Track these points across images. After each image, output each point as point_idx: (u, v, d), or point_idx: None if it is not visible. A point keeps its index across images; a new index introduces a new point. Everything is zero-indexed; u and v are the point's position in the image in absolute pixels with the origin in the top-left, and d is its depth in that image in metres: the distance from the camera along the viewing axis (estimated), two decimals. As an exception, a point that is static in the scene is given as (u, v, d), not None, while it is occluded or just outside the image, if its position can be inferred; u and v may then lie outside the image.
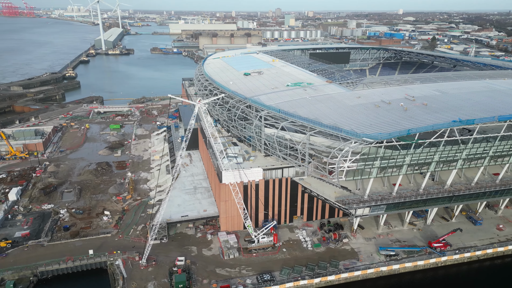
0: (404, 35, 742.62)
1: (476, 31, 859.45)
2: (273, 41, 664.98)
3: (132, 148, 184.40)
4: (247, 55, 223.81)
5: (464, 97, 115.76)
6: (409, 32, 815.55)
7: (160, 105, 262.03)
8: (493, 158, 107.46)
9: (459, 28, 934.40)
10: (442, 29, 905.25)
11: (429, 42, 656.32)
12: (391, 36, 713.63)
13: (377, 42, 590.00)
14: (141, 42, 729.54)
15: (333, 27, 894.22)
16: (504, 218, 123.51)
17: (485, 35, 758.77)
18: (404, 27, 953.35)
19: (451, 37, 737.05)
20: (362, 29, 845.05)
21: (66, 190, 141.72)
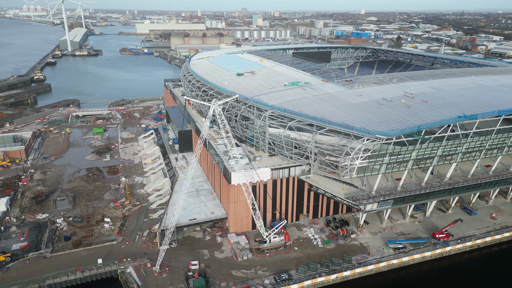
0: (370, 35, 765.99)
1: (436, 30, 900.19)
2: (244, 41, 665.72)
3: (121, 152, 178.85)
4: (232, 55, 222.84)
5: (458, 94, 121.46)
6: (373, 31, 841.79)
7: (141, 107, 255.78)
8: (488, 151, 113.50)
9: (419, 27, 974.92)
10: (404, 28, 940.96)
11: (394, 41, 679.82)
12: (358, 36, 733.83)
13: (346, 41, 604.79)
14: (108, 43, 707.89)
15: (301, 27, 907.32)
16: (495, 207, 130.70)
17: (445, 34, 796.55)
18: (369, 26, 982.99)
19: (413, 36, 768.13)
20: (329, 28, 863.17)
21: (59, 198, 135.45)
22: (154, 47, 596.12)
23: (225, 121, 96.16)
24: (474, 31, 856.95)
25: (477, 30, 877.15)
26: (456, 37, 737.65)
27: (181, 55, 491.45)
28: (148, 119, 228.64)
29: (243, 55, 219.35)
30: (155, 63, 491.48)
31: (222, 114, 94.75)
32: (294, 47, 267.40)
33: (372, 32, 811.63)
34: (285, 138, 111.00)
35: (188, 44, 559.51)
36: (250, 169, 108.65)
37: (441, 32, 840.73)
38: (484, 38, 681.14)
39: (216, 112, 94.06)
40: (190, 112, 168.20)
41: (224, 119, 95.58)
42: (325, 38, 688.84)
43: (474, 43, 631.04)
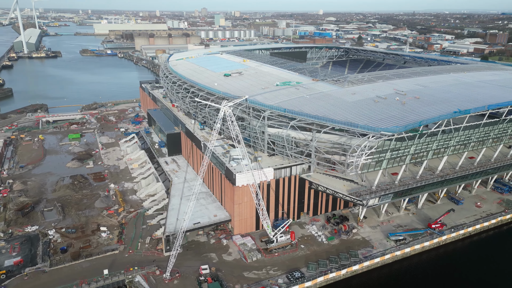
0: (332, 35, 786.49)
1: (392, 30, 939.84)
2: (209, 41, 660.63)
3: (103, 158, 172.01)
4: (211, 56, 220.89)
5: (444, 90, 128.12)
6: (334, 31, 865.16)
7: (116, 111, 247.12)
8: (475, 144, 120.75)
9: (376, 27, 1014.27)
10: (362, 28, 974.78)
11: (355, 41, 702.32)
12: (320, 36, 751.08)
13: (311, 41, 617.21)
14: (65, 44, 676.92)
15: (264, 27, 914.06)
16: (478, 197, 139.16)
17: (401, 34, 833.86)
18: (329, 27, 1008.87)
19: (372, 36, 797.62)
20: (292, 28, 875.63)
21: (46, 209, 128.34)
22: (117, 48, 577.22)
23: (235, 123, 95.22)
24: (427, 30, 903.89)
25: (429, 29, 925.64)
26: (411, 36, 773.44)
27: (148, 56, 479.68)
28: (126, 123, 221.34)
29: (223, 56, 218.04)
30: (120, 64, 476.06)
31: (232, 115, 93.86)
32: (271, 47, 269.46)
33: (333, 32, 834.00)
34: (287, 138, 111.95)
35: (153, 44, 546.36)
36: (256, 170, 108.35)
37: (397, 32, 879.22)
38: (438, 37, 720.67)
39: (227, 113, 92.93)
40: (176, 114, 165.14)
41: (234, 120, 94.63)
42: (290, 38, 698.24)
43: (429, 42, 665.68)
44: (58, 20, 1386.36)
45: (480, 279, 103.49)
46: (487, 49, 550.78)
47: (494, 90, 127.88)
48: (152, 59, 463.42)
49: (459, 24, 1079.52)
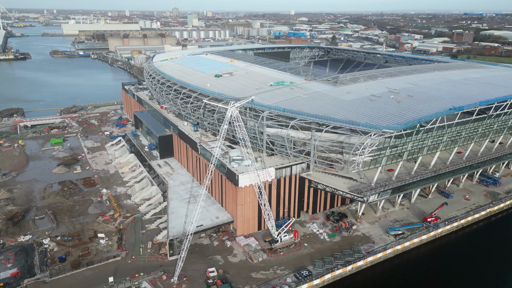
0: (306, 35, 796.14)
1: (363, 30, 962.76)
2: (184, 41, 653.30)
3: (91, 162, 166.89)
4: (197, 56, 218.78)
5: (434, 88, 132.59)
6: (307, 31, 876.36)
7: (97, 114, 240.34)
8: (464, 139, 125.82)
9: (347, 27, 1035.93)
10: (335, 28, 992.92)
11: (329, 41, 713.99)
12: (295, 36, 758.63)
13: (287, 41, 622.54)
14: (33, 45, 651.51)
15: (238, 27, 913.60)
16: (466, 190, 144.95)
17: (372, 34, 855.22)
18: (302, 27, 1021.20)
19: (345, 36, 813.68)
20: (266, 29, 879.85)
21: (37, 217, 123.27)
22: (90, 49, 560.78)
23: (242, 124, 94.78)
24: (396, 30, 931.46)
25: (398, 29, 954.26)
26: (382, 36, 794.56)
27: (123, 57, 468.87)
28: (110, 126, 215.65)
29: (209, 56, 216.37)
30: (94, 66, 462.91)
31: (239, 116, 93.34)
32: (255, 47, 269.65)
33: (307, 32, 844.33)
34: (288, 137, 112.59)
35: (128, 45, 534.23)
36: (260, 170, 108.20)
37: (369, 32, 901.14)
38: (407, 37, 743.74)
39: (234, 115, 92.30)
40: (166, 116, 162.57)
41: (241, 121, 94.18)
42: (266, 38, 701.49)
43: (399, 41, 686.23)
44: (23, 20, 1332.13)
45: (474, 267, 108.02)
46: (455, 48, 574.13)
47: (480, 88, 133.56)
48: (128, 60, 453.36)
49: (425, 24, 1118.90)
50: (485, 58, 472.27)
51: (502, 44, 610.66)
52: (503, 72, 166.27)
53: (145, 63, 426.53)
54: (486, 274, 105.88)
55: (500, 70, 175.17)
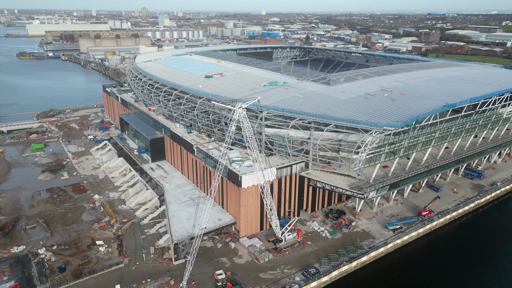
0: (280, 35, 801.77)
1: (335, 30, 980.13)
2: (157, 42, 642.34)
3: (77, 168, 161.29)
4: (182, 57, 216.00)
5: (423, 86, 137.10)
6: (281, 31, 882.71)
7: (77, 117, 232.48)
8: (453, 135, 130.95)
9: (319, 27, 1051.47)
10: (307, 28, 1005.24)
11: (302, 41, 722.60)
12: (269, 36, 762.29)
13: (262, 41, 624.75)
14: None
15: (212, 27, 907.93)
16: (453, 183, 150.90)
17: (344, 33, 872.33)
18: (274, 27, 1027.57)
19: (318, 36, 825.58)
20: (240, 29, 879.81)
21: (29, 226, 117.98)
22: (60, 50, 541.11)
23: (249, 125, 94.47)
24: (366, 30, 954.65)
25: (368, 29, 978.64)
26: (354, 35, 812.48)
27: (96, 58, 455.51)
28: (92, 130, 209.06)
29: (193, 57, 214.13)
30: (65, 67, 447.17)
31: (247, 117, 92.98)
32: (238, 47, 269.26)
33: (280, 32, 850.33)
34: (288, 137, 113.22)
35: (101, 46, 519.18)
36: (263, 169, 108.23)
37: (340, 32, 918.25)
38: (378, 36, 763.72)
39: (241, 116, 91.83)
40: (156, 118, 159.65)
41: (248, 122, 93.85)
42: (241, 39, 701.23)
43: (370, 41, 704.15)
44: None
45: (467, 256, 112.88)
46: (424, 47, 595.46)
47: (466, 85, 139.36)
48: (102, 62, 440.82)
49: (393, 24, 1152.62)
50: (452, 57, 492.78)
51: (467, 43, 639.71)
52: (481, 70, 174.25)
53: (120, 64, 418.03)
54: (477, 261, 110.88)
55: (477, 68, 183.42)
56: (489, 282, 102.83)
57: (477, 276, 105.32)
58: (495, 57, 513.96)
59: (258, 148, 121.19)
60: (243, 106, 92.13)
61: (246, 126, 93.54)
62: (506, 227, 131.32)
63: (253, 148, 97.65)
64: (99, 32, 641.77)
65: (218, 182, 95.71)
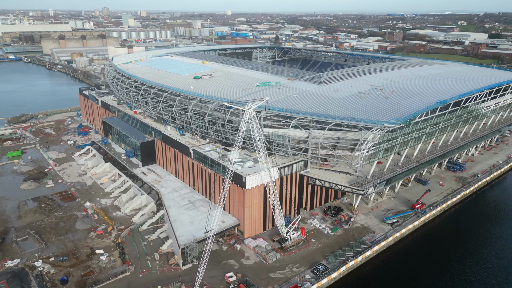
0: (248, 35, 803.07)
1: (302, 30, 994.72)
2: (123, 42, 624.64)
3: (62, 175, 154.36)
4: (163, 58, 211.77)
5: (410, 84, 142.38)
6: (249, 32, 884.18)
7: (52, 122, 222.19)
8: (440, 131, 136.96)
9: (286, 27, 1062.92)
10: (274, 28, 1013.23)
11: (272, 41, 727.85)
12: (238, 36, 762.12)
13: (233, 41, 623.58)
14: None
15: (179, 28, 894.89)
16: (438, 176, 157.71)
17: (311, 33, 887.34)
18: (242, 27, 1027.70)
19: (286, 36, 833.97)
20: (208, 29, 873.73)
21: (20, 238, 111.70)
22: (21, 52, 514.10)
23: (258, 125, 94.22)
24: (332, 30, 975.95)
25: (333, 29, 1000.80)
26: (321, 35, 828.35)
27: (62, 60, 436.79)
28: (71, 135, 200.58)
29: (176, 58, 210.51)
30: (29, 70, 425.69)
31: (256, 118, 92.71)
32: (218, 48, 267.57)
33: (249, 33, 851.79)
34: (288, 137, 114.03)
35: (66, 47, 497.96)
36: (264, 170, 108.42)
37: (307, 32, 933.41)
38: (345, 36, 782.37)
39: (251, 116, 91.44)
40: (144, 121, 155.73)
41: (257, 122, 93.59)
42: (212, 39, 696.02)
43: (338, 40, 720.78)
44: None
45: (459, 245, 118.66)
46: (389, 46, 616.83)
47: (450, 82, 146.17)
48: (69, 63, 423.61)
49: (357, 24, 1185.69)
50: (416, 55, 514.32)
51: (428, 42, 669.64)
52: (457, 68, 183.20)
53: (89, 66, 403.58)
54: (468, 248, 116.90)
55: (453, 66, 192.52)
56: (483, 265, 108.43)
57: (472, 261, 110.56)
58: (455, 55, 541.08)
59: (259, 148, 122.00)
60: (253, 107, 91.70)
61: (256, 127, 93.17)
62: (491, 215, 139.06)
63: (262, 148, 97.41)
64: (62, 33, 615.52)
65: (228, 186, 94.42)
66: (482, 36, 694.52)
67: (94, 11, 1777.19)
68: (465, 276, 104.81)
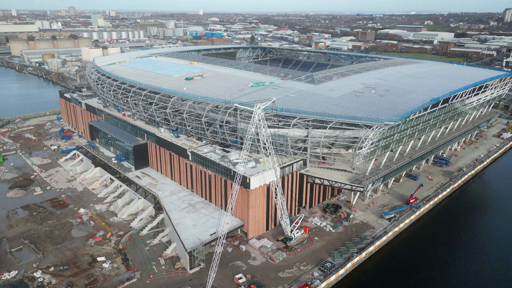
0: (224, 35, 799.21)
1: (276, 30, 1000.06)
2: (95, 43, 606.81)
3: (49, 181, 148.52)
4: (148, 59, 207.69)
5: (401, 82, 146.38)
6: (223, 32, 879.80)
7: (31, 126, 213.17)
8: (431, 127, 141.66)
9: (260, 27, 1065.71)
10: (248, 28, 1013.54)
11: (247, 41, 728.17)
12: (213, 36, 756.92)
13: (209, 41, 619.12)
14: None
15: (152, 28, 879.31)
16: (426, 171, 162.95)
17: (285, 33, 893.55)
18: (215, 27, 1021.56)
19: (261, 36, 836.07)
20: (182, 29, 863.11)
21: (14, 249, 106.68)
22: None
23: (267, 126, 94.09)
24: (306, 30, 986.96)
25: (306, 29, 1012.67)
26: (296, 35, 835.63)
27: (33, 62, 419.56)
28: (53, 139, 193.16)
29: (160, 59, 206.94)
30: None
31: (264, 119, 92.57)
32: (202, 48, 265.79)
33: (224, 33, 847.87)
34: (290, 136, 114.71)
35: (35, 48, 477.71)
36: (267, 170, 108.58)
37: (281, 32, 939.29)
38: (319, 36, 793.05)
39: (260, 117, 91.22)
40: (135, 124, 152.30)
41: (265, 123, 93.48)
42: (188, 39, 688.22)
43: (312, 40, 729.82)
44: None
45: (452, 235, 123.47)
46: (363, 46, 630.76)
47: (437, 80, 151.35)
48: (40, 65, 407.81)
49: (329, 24, 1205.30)
50: (389, 54, 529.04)
51: (399, 41, 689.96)
52: (439, 66, 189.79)
53: (62, 68, 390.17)
54: (460, 238, 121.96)
55: (433, 64, 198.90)
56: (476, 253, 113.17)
57: (465, 251, 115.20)
58: (426, 54, 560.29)
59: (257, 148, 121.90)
60: (262, 107, 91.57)
61: (264, 128, 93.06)
62: (478, 206, 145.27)
63: (270, 149, 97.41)
64: (30, 34, 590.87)
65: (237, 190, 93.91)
66: (449, 35, 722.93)
67: (60, 11, 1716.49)
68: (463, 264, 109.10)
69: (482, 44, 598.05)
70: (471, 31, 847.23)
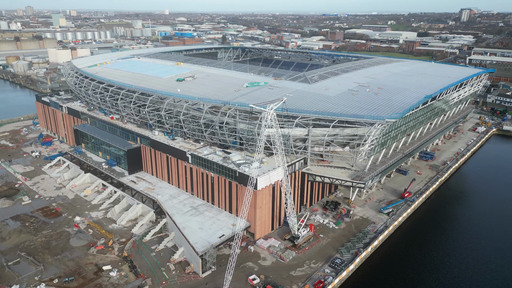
0: (194, 35, 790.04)
1: (245, 30, 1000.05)
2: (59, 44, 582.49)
3: (37, 190, 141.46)
4: (131, 60, 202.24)
5: (391, 80, 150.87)
6: (192, 31, 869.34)
7: (6, 133, 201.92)
8: (421, 123, 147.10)
9: (229, 27, 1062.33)
10: (217, 28, 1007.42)
11: (218, 41, 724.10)
12: (182, 36, 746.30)
13: (180, 41, 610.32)
14: None
15: (119, 28, 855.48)
16: (414, 166, 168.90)
17: (255, 33, 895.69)
18: (184, 27, 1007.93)
19: (231, 36, 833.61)
20: (150, 29, 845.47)
21: (11, 262, 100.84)
22: None
23: (279, 128, 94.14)
24: (275, 30, 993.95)
25: (275, 29, 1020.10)
26: (266, 35, 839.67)
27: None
28: (33, 145, 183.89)
29: (144, 60, 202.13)
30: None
31: (276, 119, 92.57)
32: (184, 49, 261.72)
33: (194, 33, 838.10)
34: (292, 135, 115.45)
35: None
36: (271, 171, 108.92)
37: (251, 32, 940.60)
38: (289, 36, 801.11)
39: (272, 117, 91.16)
40: (125, 127, 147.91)
41: (277, 123, 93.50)
42: (158, 39, 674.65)
43: (283, 40, 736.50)
44: None
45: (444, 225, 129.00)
46: (333, 45, 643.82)
47: (424, 78, 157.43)
48: (5, 68, 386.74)
49: (297, 23, 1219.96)
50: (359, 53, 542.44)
51: (367, 41, 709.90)
52: (420, 64, 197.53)
53: (29, 70, 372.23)
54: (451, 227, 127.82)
55: (414, 63, 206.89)
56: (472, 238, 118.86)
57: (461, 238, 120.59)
58: (393, 53, 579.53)
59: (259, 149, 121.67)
60: (274, 108, 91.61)
61: (276, 130, 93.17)
62: (465, 196, 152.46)
63: (280, 148, 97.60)
64: None
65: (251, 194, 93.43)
66: (412, 34, 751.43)
67: (17, 11, 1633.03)
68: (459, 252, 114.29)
69: (444, 42, 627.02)
70: (432, 30, 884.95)
